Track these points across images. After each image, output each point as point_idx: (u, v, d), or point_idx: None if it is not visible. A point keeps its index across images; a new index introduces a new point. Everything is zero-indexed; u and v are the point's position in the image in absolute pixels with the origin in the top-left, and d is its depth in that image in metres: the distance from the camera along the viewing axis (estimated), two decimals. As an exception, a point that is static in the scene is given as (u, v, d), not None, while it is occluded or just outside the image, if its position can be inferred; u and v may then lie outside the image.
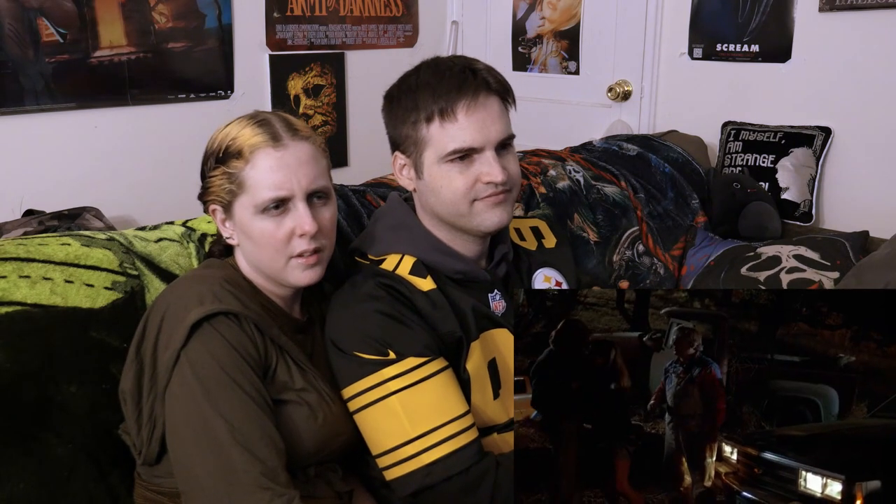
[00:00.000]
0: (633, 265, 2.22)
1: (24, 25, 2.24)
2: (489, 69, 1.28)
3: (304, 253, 1.19)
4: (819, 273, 2.03)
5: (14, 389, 1.16)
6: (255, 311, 1.16)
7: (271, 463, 1.07)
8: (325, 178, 1.23)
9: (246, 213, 1.18)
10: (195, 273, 1.25)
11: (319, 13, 2.95)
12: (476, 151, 1.25)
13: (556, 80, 3.13)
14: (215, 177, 1.20)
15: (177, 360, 1.10)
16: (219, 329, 1.11)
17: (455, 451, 1.18)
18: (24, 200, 2.24)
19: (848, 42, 2.36)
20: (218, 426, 1.07)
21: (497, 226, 1.29)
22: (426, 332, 1.24)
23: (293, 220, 1.18)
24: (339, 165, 3.11)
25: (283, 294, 1.26)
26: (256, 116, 1.23)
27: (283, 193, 1.17)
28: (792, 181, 2.43)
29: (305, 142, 1.22)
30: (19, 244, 1.27)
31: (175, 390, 1.10)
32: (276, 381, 1.16)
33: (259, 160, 1.17)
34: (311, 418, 1.17)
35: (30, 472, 1.14)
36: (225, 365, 1.09)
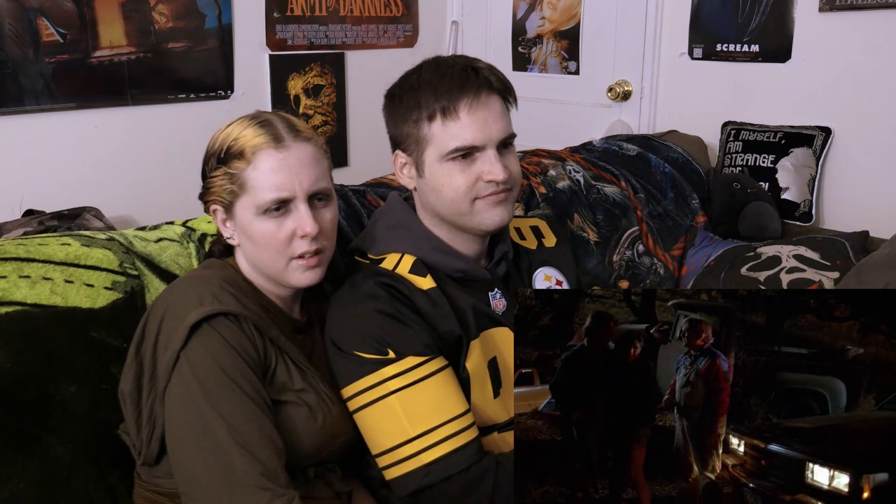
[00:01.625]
0: (633, 265, 2.22)
1: (24, 25, 2.24)
2: (491, 68, 1.28)
3: (306, 254, 1.19)
4: (819, 273, 2.03)
5: (14, 389, 1.16)
6: (255, 311, 1.16)
7: (271, 463, 1.07)
8: (326, 179, 1.23)
9: (247, 213, 1.18)
10: (195, 273, 1.25)
11: (319, 13, 2.95)
12: (477, 150, 1.25)
13: (556, 80, 3.13)
14: (217, 177, 1.20)
15: (176, 360, 1.09)
16: (218, 329, 1.11)
17: (455, 450, 1.18)
18: (24, 200, 2.24)
19: (848, 42, 2.36)
20: (217, 427, 1.07)
21: (498, 225, 1.29)
22: (426, 332, 1.24)
23: (294, 221, 1.18)
24: (339, 165, 3.11)
25: (282, 294, 1.26)
26: (258, 117, 1.23)
27: (285, 195, 1.17)
28: (792, 181, 2.43)
29: (307, 143, 1.22)
30: (19, 244, 1.27)
31: (175, 391, 1.10)
32: (275, 381, 1.16)
33: (261, 161, 1.17)
34: (311, 419, 1.17)
35: (30, 472, 1.14)
36: (224, 365, 1.09)
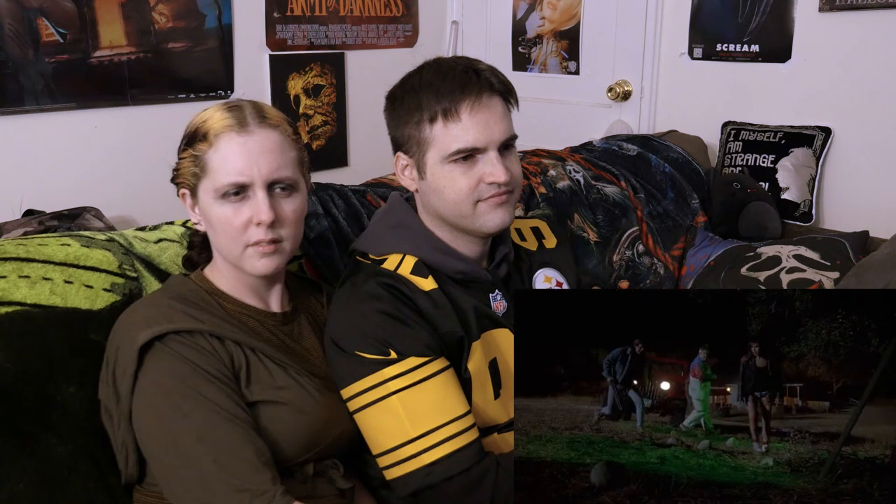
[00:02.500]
0: (633, 265, 2.22)
1: (24, 25, 2.24)
2: (492, 69, 1.28)
3: (261, 242, 1.17)
4: (819, 273, 2.03)
5: (14, 389, 1.16)
6: (211, 321, 1.16)
7: (247, 465, 1.07)
8: (290, 168, 1.21)
9: (207, 197, 1.18)
10: (145, 298, 1.25)
11: (319, 13, 2.95)
12: (479, 151, 1.25)
13: (556, 80, 3.13)
14: (184, 159, 1.20)
15: (134, 382, 1.11)
16: (172, 347, 1.11)
17: (456, 450, 1.18)
18: (24, 200, 2.24)
19: (848, 42, 2.36)
20: (185, 439, 1.07)
21: (499, 226, 1.29)
22: (427, 332, 1.24)
23: (251, 208, 1.17)
24: (339, 165, 3.11)
25: (254, 286, 1.25)
26: (231, 102, 1.23)
27: (243, 179, 1.16)
28: (792, 181, 2.43)
29: (273, 130, 1.20)
30: (19, 244, 1.26)
31: (139, 412, 1.11)
32: (252, 382, 1.15)
33: (222, 144, 1.17)
34: (297, 413, 1.17)
35: (30, 472, 1.14)
36: (184, 377, 1.10)
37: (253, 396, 1.15)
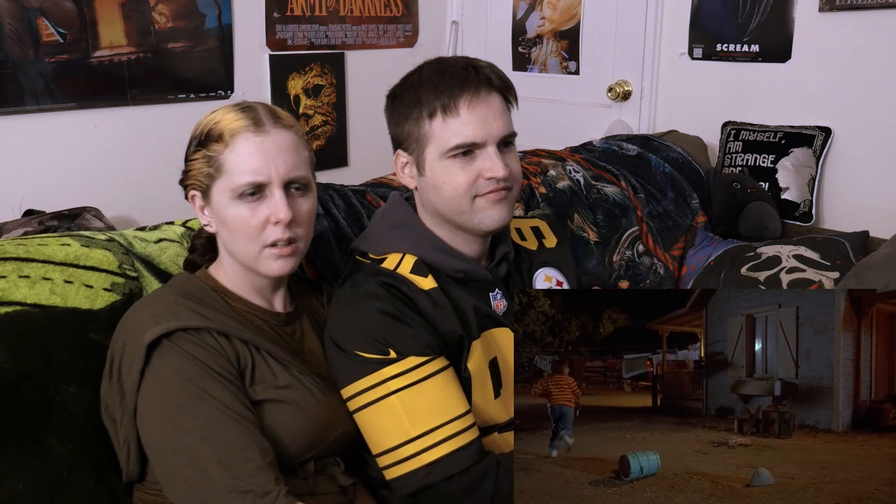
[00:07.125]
0: (633, 265, 2.22)
1: (24, 25, 2.24)
2: (491, 67, 1.29)
3: (279, 242, 1.18)
4: (819, 273, 2.03)
5: (14, 389, 1.16)
6: (220, 319, 1.16)
7: (250, 466, 1.07)
8: (304, 168, 1.22)
9: (223, 197, 1.18)
10: (152, 293, 1.25)
11: (319, 13, 2.95)
12: (478, 147, 1.25)
13: (556, 80, 3.13)
14: (196, 160, 1.20)
15: (141, 380, 1.10)
16: (179, 344, 1.11)
17: (456, 450, 1.18)
18: (24, 200, 2.24)
19: (848, 42, 2.36)
20: (190, 438, 1.07)
21: (497, 224, 1.29)
22: (427, 332, 1.24)
23: (269, 207, 1.17)
24: (339, 165, 3.11)
25: (260, 287, 1.25)
26: (242, 104, 1.23)
27: (261, 179, 1.16)
28: (792, 181, 2.43)
29: (287, 130, 1.21)
30: (19, 244, 1.26)
31: (144, 410, 1.11)
32: (256, 380, 1.16)
33: (238, 144, 1.17)
34: (299, 412, 1.17)
35: (30, 472, 1.14)
36: (191, 376, 1.09)
37: (257, 395, 1.15)
